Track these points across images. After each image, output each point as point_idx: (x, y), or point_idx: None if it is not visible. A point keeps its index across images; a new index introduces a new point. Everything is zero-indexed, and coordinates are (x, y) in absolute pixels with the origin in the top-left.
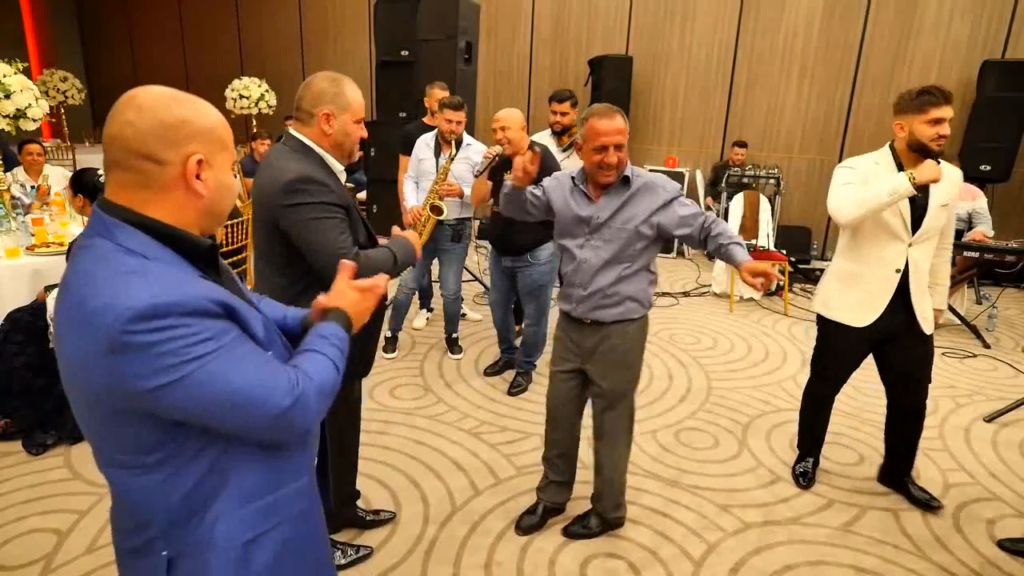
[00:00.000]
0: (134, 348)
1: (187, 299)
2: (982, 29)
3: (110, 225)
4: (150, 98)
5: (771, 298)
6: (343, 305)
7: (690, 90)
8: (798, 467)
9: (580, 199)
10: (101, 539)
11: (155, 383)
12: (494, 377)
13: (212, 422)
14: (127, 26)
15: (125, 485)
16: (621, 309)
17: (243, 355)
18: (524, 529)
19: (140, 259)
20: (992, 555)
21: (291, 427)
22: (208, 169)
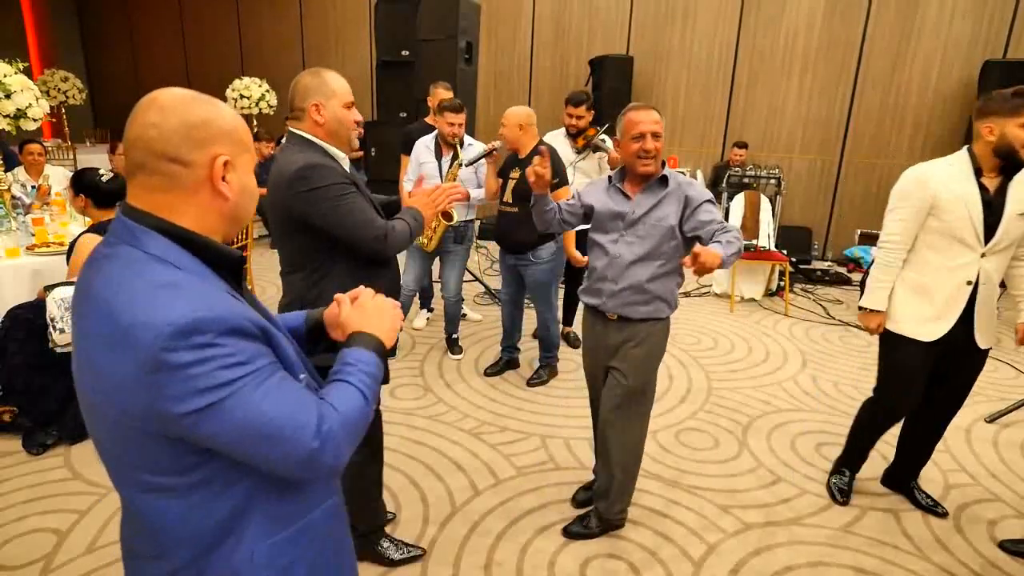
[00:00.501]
0: (172, 368)
1: (228, 316)
2: (983, 29)
3: (137, 232)
4: (172, 99)
5: (772, 299)
6: (369, 329)
7: (691, 90)
8: (836, 480)
9: (616, 196)
10: (101, 539)
11: (190, 407)
12: (494, 377)
13: (239, 454)
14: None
15: (151, 509)
16: (650, 308)
17: (277, 384)
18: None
19: (172, 269)
20: (993, 556)
21: (319, 467)
22: (232, 171)
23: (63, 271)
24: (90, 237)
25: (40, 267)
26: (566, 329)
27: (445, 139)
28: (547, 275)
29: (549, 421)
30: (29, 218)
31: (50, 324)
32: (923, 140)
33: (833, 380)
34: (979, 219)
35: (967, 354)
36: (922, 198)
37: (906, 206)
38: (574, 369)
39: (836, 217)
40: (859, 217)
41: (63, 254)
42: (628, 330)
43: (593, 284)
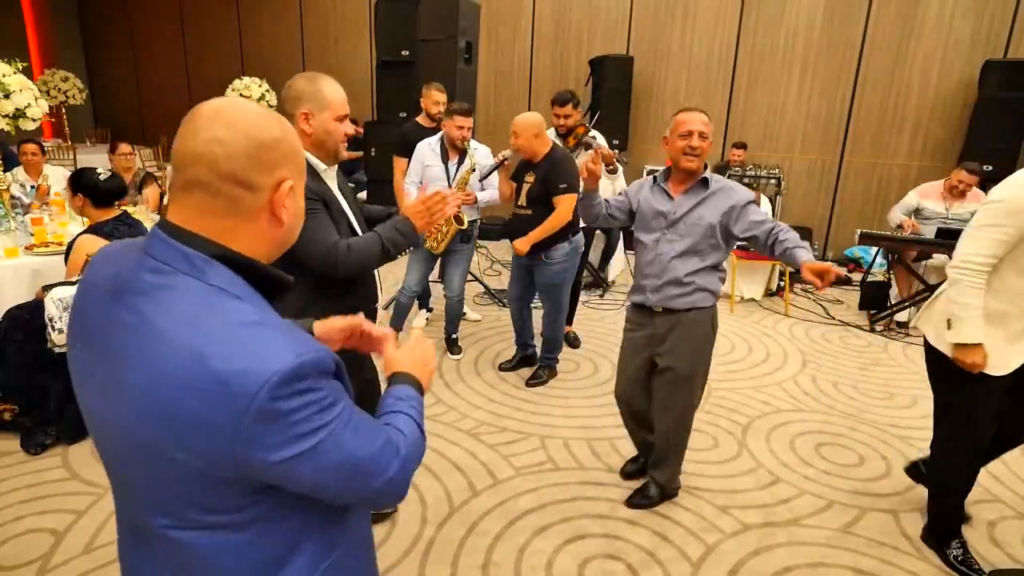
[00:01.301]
0: (277, 416)
1: (323, 357)
2: (984, 29)
3: (197, 260)
4: (241, 114)
5: (772, 299)
6: (406, 368)
7: (691, 90)
8: (957, 553)
9: (660, 195)
10: (98, 539)
11: (286, 455)
12: (508, 373)
13: (325, 492)
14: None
15: (202, 545)
16: (693, 298)
17: (356, 419)
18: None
19: (241, 304)
20: (993, 557)
21: (393, 496)
22: (292, 195)
23: (62, 271)
24: (88, 237)
25: (39, 267)
26: (567, 329)
27: (453, 143)
28: (560, 276)
29: (548, 421)
30: (28, 218)
31: (48, 324)
32: (923, 140)
33: (833, 380)
34: None
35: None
36: (1013, 210)
37: (1013, 224)
38: (573, 369)
39: (836, 217)
40: (859, 217)
41: (62, 254)
42: (674, 319)
43: (639, 282)
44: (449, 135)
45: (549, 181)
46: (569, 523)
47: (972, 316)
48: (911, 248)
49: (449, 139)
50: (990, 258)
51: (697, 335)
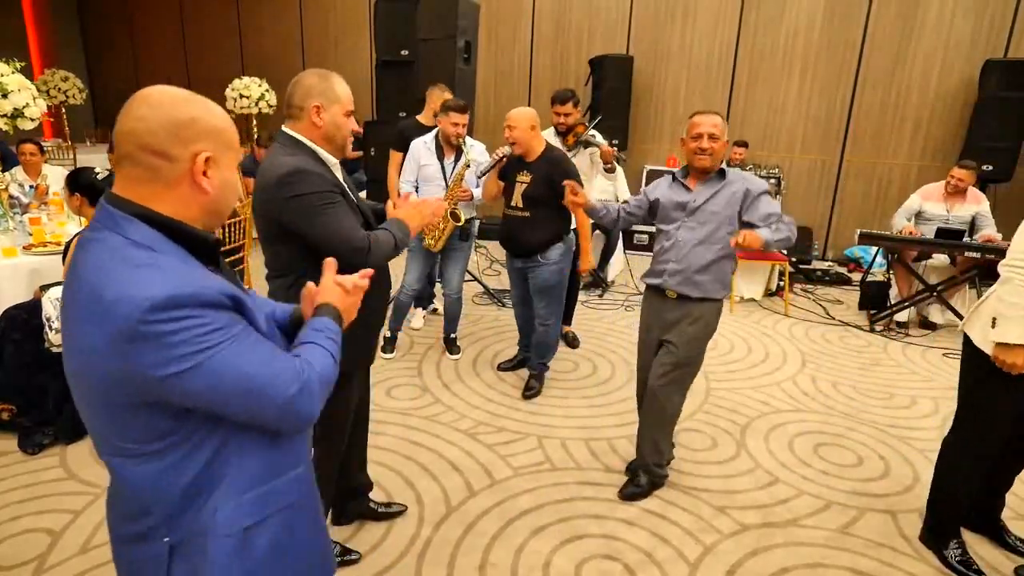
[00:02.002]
0: (151, 337)
1: (202, 291)
2: (984, 28)
3: (119, 219)
4: (163, 96)
5: (772, 299)
6: (332, 301)
7: (691, 89)
8: (955, 553)
9: (679, 189)
10: (95, 539)
11: (170, 371)
12: (507, 373)
13: (222, 409)
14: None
15: (128, 472)
16: (706, 288)
17: (252, 344)
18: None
19: (149, 252)
20: (992, 558)
21: (297, 415)
22: (215, 167)
23: (60, 271)
24: None
25: (37, 267)
26: (565, 328)
27: (448, 139)
28: (556, 276)
29: (546, 421)
30: (27, 218)
31: (46, 324)
32: (923, 140)
33: (832, 381)
34: None
35: None
36: None
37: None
38: (572, 369)
39: (836, 217)
40: (859, 217)
41: (60, 254)
42: (685, 308)
43: (656, 266)
44: (444, 132)
45: (555, 181)
46: (566, 523)
47: (1020, 316)
48: (911, 248)
49: (444, 136)
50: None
51: (703, 325)
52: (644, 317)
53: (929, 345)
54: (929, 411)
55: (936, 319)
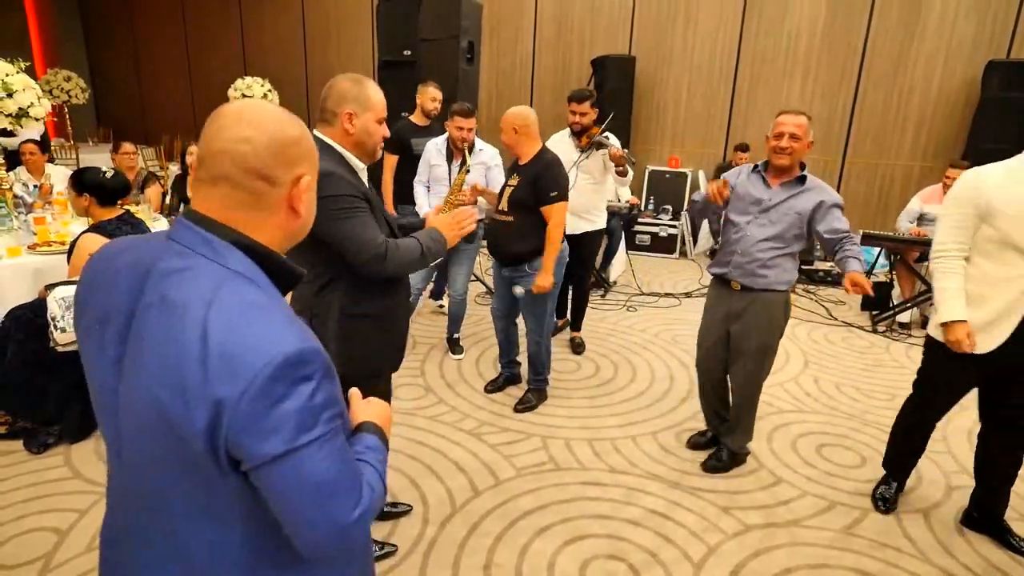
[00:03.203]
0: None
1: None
2: (987, 29)
3: (218, 245)
4: (264, 115)
5: None
6: (372, 419)
7: (693, 90)
8: (879, 490)
9: (758, 182)
10: None
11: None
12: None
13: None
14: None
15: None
16: (769, 280)
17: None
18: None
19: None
20: (996, 559)
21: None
22: (309, 190)
23: (64, 270)
24: (90, 236)
25: (41, 266)
26: (573, 334)
27: (456, 144)
28: (543, 293)
29: (550, 422)
30: (31, 217)
31: (51, 323)
32: (925, 141)
33: (835, 381)
34: None
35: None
36: (975, 204)
37: (956, 212)
38: (575, 370)
39: None
40: (861, 218)
41: (64, 253)
42: (749, 297)
43: (723, 257)
44: (451, 136)
45: (538, 187)
46: (570, 523)
47: (948, 297)
48: (913, 249)
49: (452, 140)
50: (951, 244)
51: (771, 313)
52: (709, 304)
53: None
54: None
55: None
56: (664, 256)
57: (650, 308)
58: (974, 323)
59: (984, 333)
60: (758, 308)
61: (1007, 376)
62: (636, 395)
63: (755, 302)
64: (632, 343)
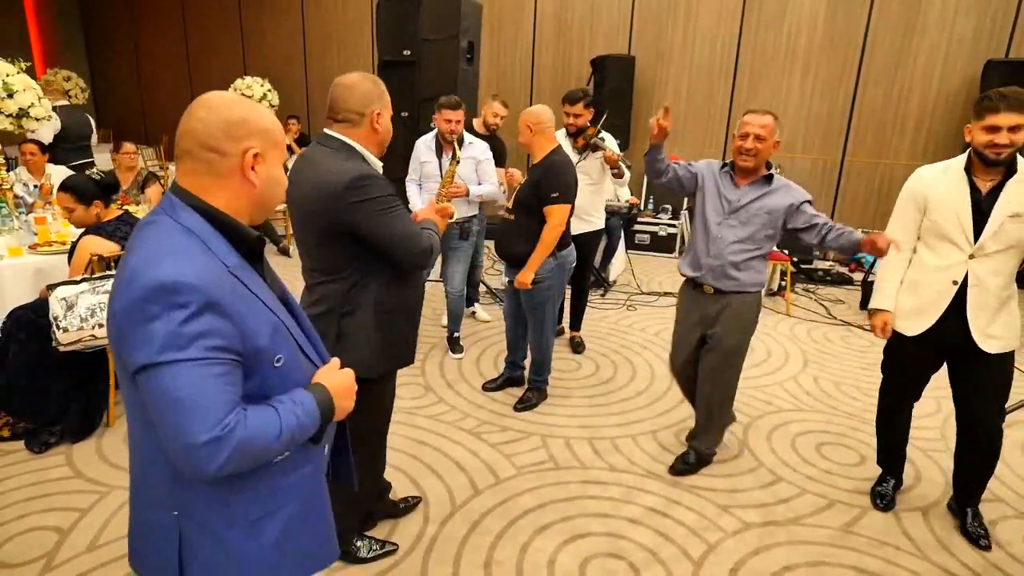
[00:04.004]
0: (145, 318)
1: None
2: (986, 27)
3: (176, 206)
4: (220, 100)
5: (773, 298)
6: (328, 383)
7: (693, 89)
8: (877, 488)
9: (727, 181)
10: (102, 537)
11: (139, 359)
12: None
13: (153, 417)
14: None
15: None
16: (741, 282)
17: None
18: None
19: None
20: (994, 557)
21: (196, 466)
22: (262, 163)
23: (65, 270)
24: (91, 237)
25: (42, 266)
26: (572, 333)
27: (444, 137)
28: (542, 294)
29: (550, 421)
30: (31, 217)
31: (53, 323)
32: (925, 139)
33: (835, 380)
34: (968, 220)
35: (975, 359)
36: (915, 198)
37: (901, 206)
38: (575, 369)
39: (838, 216)
40: (860, 216)
41: (65, 253)
42: (723, 301)
43: (694, 258)
44: (440, 129)
45: (541, 187)
46: (570, 522)
47: (880, 287)
48: None
49: (440, 133)
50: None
51: (744, 315)
52: (682, 306)
53: None
54: (932, 410)
55: None
56: (664, 255)
57: (650, 307)
58: (907, 307)
59: (915, 317)
60: (732, 312)
61: (955, 359)
62: (636, 394)
63: (729, 306)
64: (632, 342)
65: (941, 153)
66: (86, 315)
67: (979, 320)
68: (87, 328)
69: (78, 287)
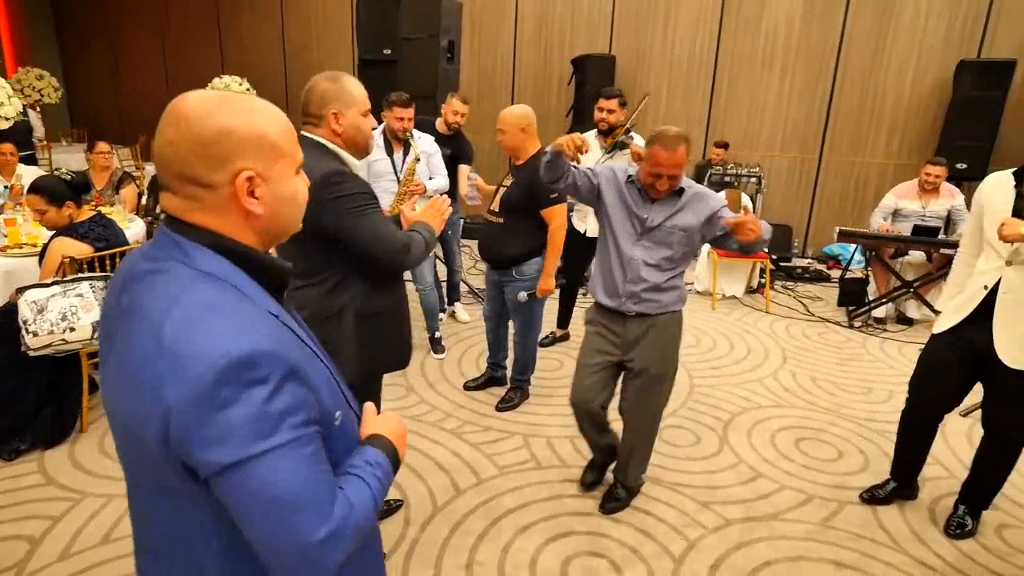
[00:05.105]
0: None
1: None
2: (957, 29)
3: (187, 247)
4: (193, 109)
5: (753, 296)
6: (384, 432)
7: (672, 89)
8: (880, 490)
9: (635, 195)
10: (75, 546)
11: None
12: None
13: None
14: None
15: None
16: (664, 303)
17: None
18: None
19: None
20: (967, 548)
21: (318, 565)
22: (263, 184)
23: (36, 273)
24: (63, 239)
25: (12, 268)
26: (560, 332)
27: (395, 134)
28: (533, 296)
29: (532, 420)
30: (1, 219)
31: (22, 327)
32: (900, 140)
33: (812, 376)
34: None
35: (997, 371)
36: (976, 203)
37: (971, 214)
38: (556, 368)
39: (816, 215)
40: (838, 215)
41: (36, 255)
42: (646, 324)
43: (609, 284)
44: (390, 127)
45: (536, 188)
46: (552, 521)
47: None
48: (888, 245)
49: (391, 131)
50: (964, 241)
51: (669, 337)
52: (593, 335)
53: (906, 340)
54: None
55: (913, 315)
56: None
57: None
58: (950, 307)
59: (947, 315)
60: (657, 333)
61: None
62: None
63: (653, 327)
64: None
65: (916, 153)
66: (56, 319)
67: (1007, 332)
68: (57, 332)
69: (49, 290)
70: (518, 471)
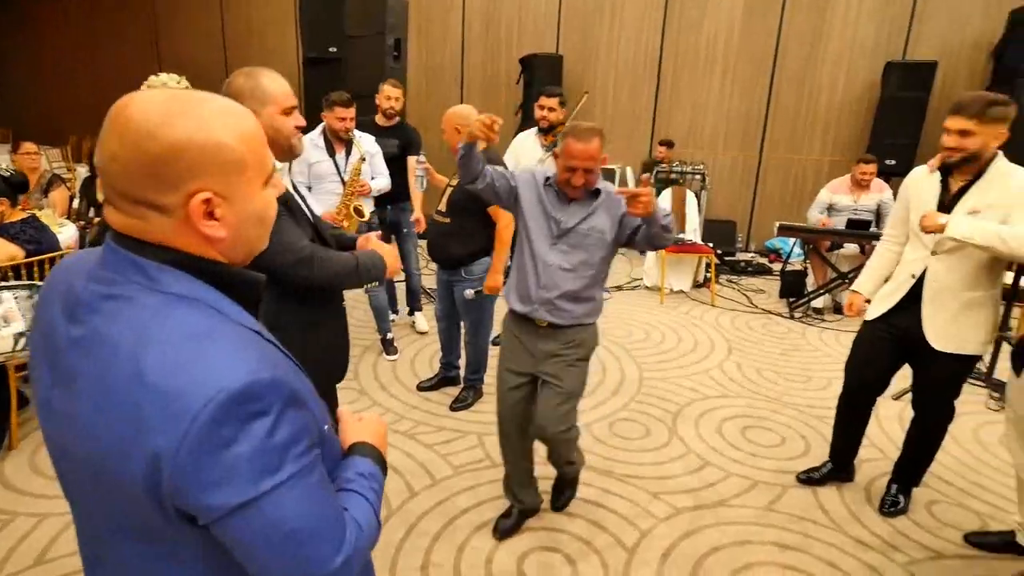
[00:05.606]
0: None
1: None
2: (885, 31)
3: (148, 269)
4: (135, 118)
5: (699, 290)
6: (368, 439)
7: (619, 89)
8: (816, 472)
9: (552, 198)
10: (7, 568)
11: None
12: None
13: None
14: (29, 16)
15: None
16: (580, 315)
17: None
18: (502, 532)
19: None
20: (901, 525)
21: None
22: (223, 204)
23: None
24: None
25: None
26: None
27: (336, 135)
28: (480, 293)
29: (486, 419)
30: None
31: None
32: (833, 138)
33: (756, 366)
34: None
35: (926, 354)
36: (902, 194)
37: (896, 205)
38: None
39: (757, 210)
40: (778, 210)
41: None
42: (560, 337)
43: (522, 289)
44: (331, 127)
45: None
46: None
47: (862, 273)
48: (825, 239)
49: (332, 131)
50: (887, 231)
51: (583, 350)
52: (509, 344)
53: (842, 329)
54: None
55: None
56: None
57: None
58: (878, 295)
59: (877, 303)
60: (571, 348)
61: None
62: None
63: (567, 341)
64: None
65: (848, 150)
66: None
67: (935, 318)
68: None
69: None
70: (472, 470)
